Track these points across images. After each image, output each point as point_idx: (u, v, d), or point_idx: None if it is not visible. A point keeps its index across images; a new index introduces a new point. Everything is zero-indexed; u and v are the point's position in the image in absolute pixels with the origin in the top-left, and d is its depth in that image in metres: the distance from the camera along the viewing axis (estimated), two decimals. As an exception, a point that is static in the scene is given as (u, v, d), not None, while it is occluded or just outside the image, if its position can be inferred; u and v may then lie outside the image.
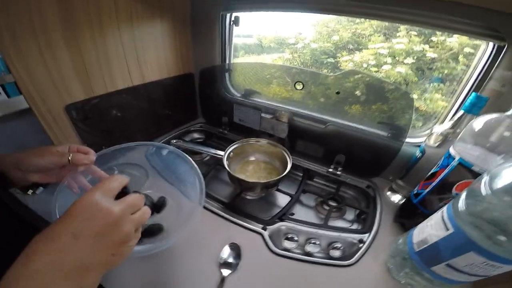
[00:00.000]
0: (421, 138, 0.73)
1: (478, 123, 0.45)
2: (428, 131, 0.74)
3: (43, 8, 0.50)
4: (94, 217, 0.25)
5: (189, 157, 0.52)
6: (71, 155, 0.41)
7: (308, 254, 0.57)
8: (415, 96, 0.86)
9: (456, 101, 0.67)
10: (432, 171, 0.54)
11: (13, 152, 0.42)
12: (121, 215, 0.27)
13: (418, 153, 0.63)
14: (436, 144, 0.59)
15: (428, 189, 0.54)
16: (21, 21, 0.47)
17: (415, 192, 0.58)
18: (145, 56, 0.73)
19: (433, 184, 0.53)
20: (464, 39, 0.79)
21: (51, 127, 0.60)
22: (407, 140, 0.70)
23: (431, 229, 0.43)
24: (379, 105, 0.72)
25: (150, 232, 0.47)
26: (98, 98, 0.66)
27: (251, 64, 0.89)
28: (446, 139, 0.57)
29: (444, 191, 0.51)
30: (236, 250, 0.54)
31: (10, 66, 0.48)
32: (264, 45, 1.32)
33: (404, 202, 0.65)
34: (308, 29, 1.25)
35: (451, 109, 0.68)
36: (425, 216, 0.50)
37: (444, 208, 0.43)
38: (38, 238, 0.24)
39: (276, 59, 1.32)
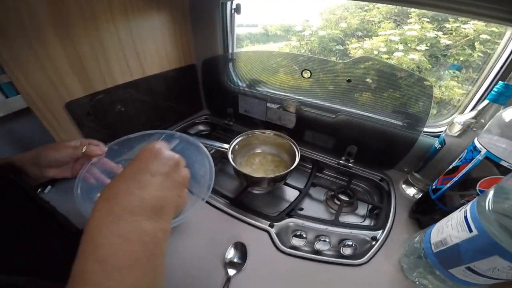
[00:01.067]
0: (440, 128, 0.68)
1: (509, 113, 0.40)
2: (448, 120, 0.68)
3: (32, 4, 0.47)
4: (161, 160, 0.28)
5: (200, 143, 0.51)
6: (84, 147, 0.43)
7: (318, 252, 0.55)
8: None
9: (478, 89, 0.61)
10: (453, 164, 0.50)
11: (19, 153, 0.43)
12: (179, 161, 0.31)
13: (437, 144, 0.59)
14: (457, 135, 0.54)
15: (448, 185, 0.50)
16: (10, 18, 0.45)
17: (433, 187, 0.55)
18: (144, 49, 0.70)
19: (455, 179, 0.49)
20: (480, 25, 0.74)
21: (52, 126, 0.59)
22: (425, 129, 0.65)
23: (452, 229, 0.40)
24: (392, 92, 0.67)
25: None
26: (98, 94, 0.64)
27: (256, 52, 0.85)
28: (469, 129, 0.52)
29: (466, 188, 0.47)
30: (241, 249, 0.52)
31: (3, 66, 0.46)
32: (270, 33, 1.28)
33: (421, 197, 0.61)
34: (314, 17, 1.21)
35: (472, 97, 0.63)
36: (444, 212, 0.47)
37: (468, 207, 0.39)
38: (115, 182, 0.25)
39: (282, 47, 1.28)
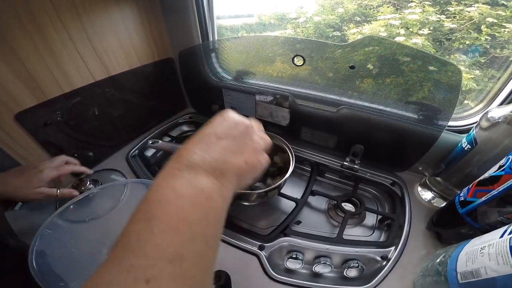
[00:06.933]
0: (462, 121, 0.55)
1: None
2: (472, 111, 0.55)
3: None
4: (232, 124, 0.29)
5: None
6: (58, 191, 0.49)
7: (317, 275, 0.47)
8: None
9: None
10: (491, 173, 0.38)
11: None
12: (252, 126, 0.31)
13: (465, 143, 0.46)
14: (493, 133, 0.41)
15: (484, 198, 0.39)
16: None
17: (461, 198, 0.43)
18: (104, 46, 0.59)
19: (494, 192, 0.37)
20: (485, 8, 0.73)
21: (3, 141, 0.51)
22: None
23: (489, 260, 0.31)
24: (406, 80, 0.53)
25: None
26: (54, 101, 0.55)
27: (242, 38, 0.73)
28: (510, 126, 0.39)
29: (509, 203, 0.36)
30: (224, 279, 0.44)
31: None
32: (265, 23, 1.25)
33: (443, 208, 0.49)
34: (309, 2, 1.20)
35: (505, 84, 0.49)
36: (473, 229, 0.39)
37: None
38: (184, 145, 0.27)
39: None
